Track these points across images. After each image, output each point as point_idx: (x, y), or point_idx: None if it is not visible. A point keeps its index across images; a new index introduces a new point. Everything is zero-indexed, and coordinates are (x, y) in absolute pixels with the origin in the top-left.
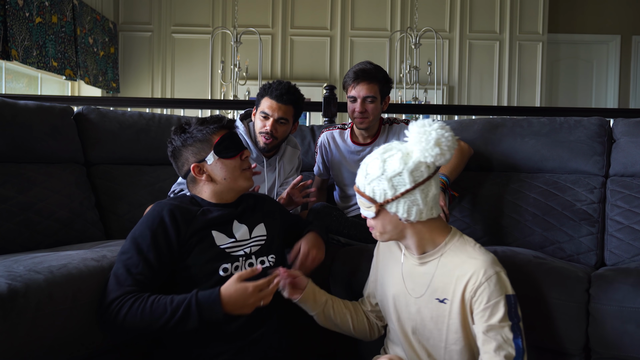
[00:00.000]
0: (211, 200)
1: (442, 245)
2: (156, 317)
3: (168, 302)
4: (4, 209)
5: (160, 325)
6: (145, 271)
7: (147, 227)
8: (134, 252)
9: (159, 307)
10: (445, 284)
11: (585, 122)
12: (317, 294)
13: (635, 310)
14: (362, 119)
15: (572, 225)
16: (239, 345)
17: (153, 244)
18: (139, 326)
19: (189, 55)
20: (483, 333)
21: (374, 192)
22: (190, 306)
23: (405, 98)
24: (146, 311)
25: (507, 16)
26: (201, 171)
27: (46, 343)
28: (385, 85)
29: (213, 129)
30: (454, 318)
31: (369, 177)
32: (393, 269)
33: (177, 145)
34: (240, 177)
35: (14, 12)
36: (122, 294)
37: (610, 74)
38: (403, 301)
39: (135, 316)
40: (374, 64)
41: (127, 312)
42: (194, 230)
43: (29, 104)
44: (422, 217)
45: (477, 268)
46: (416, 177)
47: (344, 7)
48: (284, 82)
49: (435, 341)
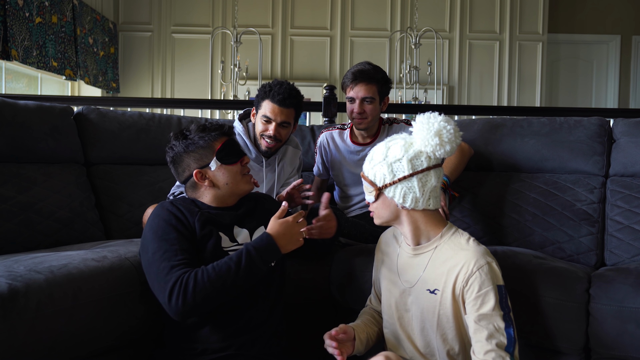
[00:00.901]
0: (212, 204)
1: (436, 238)
2: (223, 276)
3: (227, 260)
4: (4, 209)
5: (230, 282)
6: (186, 255)
7: (165, 222)
8: (167, 246)
9: (221, 268)
10: (437, 275)
11: (585, 122)
12: (361, 336)
13: (635, 310)
14: (361, 120)
15: (572, 225)
16: (241, 341)
17: (178, 234)
18: (211, 294)
19: (189, 55)
20: (475, 322)
21: (375, 175)
22: (250, 253)
23: (405, 98)
24: (212, 276)
25: (507, 16)
26: (203, 177)
27: (47, 343)
28: (384, 86)
29: (214, 136)
30: (445, 309)
31: (373, 162)
32: (390, 262)
33: (179, 151)
34: (242, 182)
35: (14, 12)
36: (178, 277)
37: (610, 74)
38: (397, 292)
39: (204, 286)
40: (373, 64)
41: (194, 286)
42: (199, 222)
43: (29, 104)
44: (417, 206)
45: (468, 258)
46: (415, 165)
47: (344, 7)
48: (285, 83)
49: (428, 331)
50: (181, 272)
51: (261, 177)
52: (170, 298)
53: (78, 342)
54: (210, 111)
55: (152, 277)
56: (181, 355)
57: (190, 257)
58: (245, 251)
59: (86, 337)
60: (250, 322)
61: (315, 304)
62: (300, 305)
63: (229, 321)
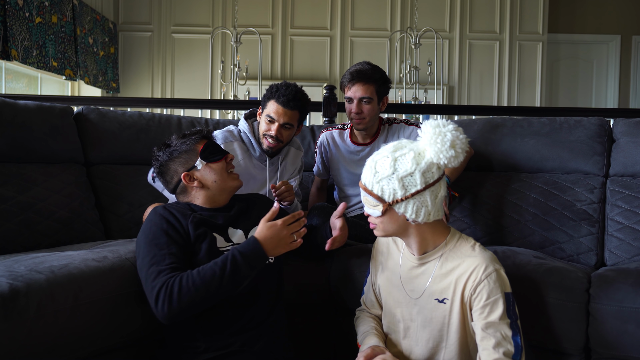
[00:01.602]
0: (205, 205)
1: (441, 246)
2: (208, 281)
3: (212, 265)
4: (4, 209)
5: (214, 288)
6: (174, 259)
7: (156, 227)
8: (156, 250)
9: (206, 273)
10: (445, 284)
11: (585, 122)
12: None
13: (635, 310)
14: (359, 120)
15: (572, 225)
16: (244, 339)
17: (168, 238)
18: (196, 299)
19: (189, 55)
20: (482, 330)
21: (383, 191)
22: (235, 258)
23: (405, 98)
24: (197, 281)
25: (507, 16)
26: (192, 179)
27: (47, 343)
28: (382, 85)
29: (195, 139)
30: (454, 317)
31: (379, 176)
32: (392, 271)
33: (164, 160)
34: (229, 178)
35: (14, 12)
36: (164, 282)
37: (610, 74)
38: (402, 302)
39: (189, 290)
40: (372, 64)
41: (179, 290)
42: (193, 224)
43: (29, 104)
44: (429, 219)
45: (476, 266)
46: (427, 178)
47: (344, 7)
48: (292, 85)
49: (435, 342)
50: (167, 277)
51: (264, 176)
52: (156, 302)
53: (79, 342)
54: (210, 111)
55: (142, 281)
56: (184, 354)
57: (179, 261)
58: (231, 256)
59: (87, 337)
60: (252, 320)
61: (315, 304)
62: (300, 305)
63: (231, 319)
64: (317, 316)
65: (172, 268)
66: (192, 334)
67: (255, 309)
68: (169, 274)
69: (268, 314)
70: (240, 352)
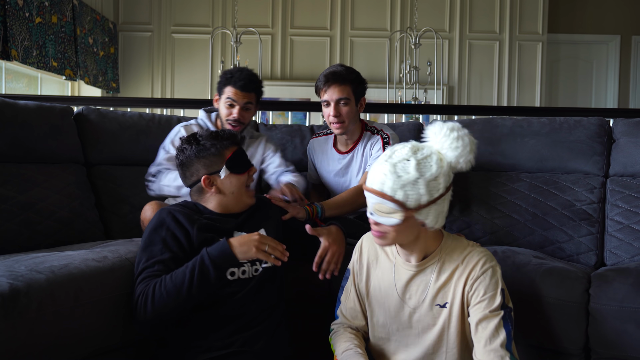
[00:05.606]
0: (215, 210)
1: (437, 250)
2: (179, 286)
3: (183, 269)
4: (4, 209)
5: (185, 291)
6: (162, 267)
7: (155, 234)
8: (149, 257)
9: (177, 277)
10: (445, 288)
11: (585, 122)
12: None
13: (635, 310)
14: (338, 125)
15: (572, 225)
16: (245, 338)
17: (164, 245)
18: (169, 304)
19: (188, 55)
20: (477, 323)
21: (408, 196)
22: (203, 260)
23: (405, 98)
24: (168, 286)
25: (507, 16)
26: (211, 183)
27: (48, 343)
28: (358, 86)
29: (226, 144)
30: (454, 319)
31: (402, 180)
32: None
33: (189, 155)
34: (246, 194)
35: (13, 12)
36: (143, 288)
37: (610, 74)
38: (400, 312)
39: (161, 296)
40: (346, 65)
41: (152, 297)
42: (198, 229)
43: (29, 104)
44: (440, 225)
45: (474, 263)
46: (447, 182)
47: (343, 7)
48: (245, 70)
49: (435, 347)
50: (146, 283)
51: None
52: (136, 308)
53: (79, 341)
54: None
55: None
56: (184, 353)
57: (167, 269)
58: (200, 257)
59: (87, 337)
60: (252, 321)
61: (315, 304)
62: (300, 305)
63: (231, 319)
64: (318, 317)
65: (157, 275)
66: (193, 334)
67: (256, 310)
68: (152, 279)
69: (269, 314)
70: (240, 352)
